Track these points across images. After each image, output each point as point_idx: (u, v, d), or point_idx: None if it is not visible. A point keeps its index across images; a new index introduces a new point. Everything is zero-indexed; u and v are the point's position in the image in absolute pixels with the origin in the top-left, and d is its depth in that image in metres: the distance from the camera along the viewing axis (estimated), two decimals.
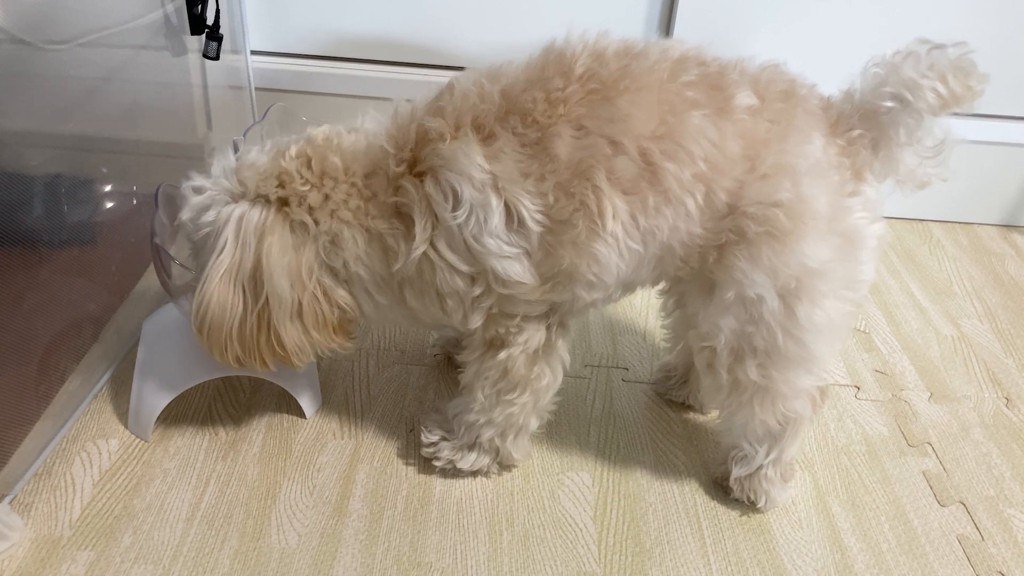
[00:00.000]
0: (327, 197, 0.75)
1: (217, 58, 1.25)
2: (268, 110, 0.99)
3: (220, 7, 1.23)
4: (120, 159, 1.13)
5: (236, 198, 0.77)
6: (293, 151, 0.77)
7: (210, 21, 1.22)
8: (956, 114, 0.76)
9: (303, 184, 0.75)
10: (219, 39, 1.24)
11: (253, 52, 1.43)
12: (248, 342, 0.78)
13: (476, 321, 0.80)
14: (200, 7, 1.20)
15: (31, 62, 0.90)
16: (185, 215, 0.80)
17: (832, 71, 0.79)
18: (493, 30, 1.41)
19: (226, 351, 0.79)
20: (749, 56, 0.78)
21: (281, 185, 0.76)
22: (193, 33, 1.22)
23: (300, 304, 0.77)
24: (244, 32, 1.39)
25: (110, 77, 1.07)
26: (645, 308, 1.25)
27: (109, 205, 1.09)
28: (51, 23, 0.92)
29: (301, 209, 0.76)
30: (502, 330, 0.81)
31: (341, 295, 0.80)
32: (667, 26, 1.40)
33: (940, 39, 0.73)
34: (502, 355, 0.82)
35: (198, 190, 0.79)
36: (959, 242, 1.51)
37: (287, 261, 0.76)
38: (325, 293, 0.79)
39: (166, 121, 1.25)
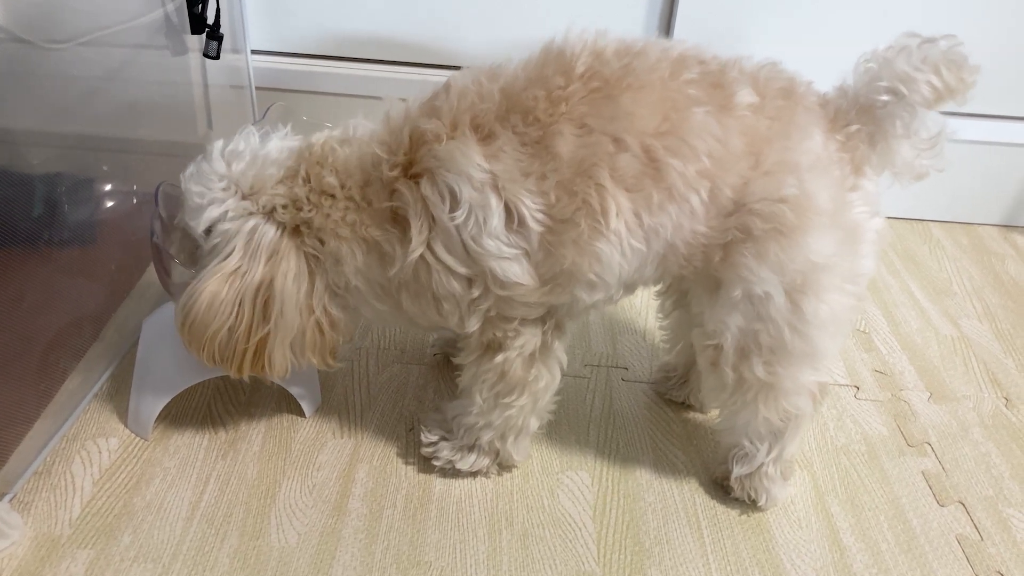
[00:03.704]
0: (328, 217, 0.76)
1: (217, 57, 1.25)
2: (268, 109, 0.99)
3: (220, 6, 1.23)
4: (121, 158, 1.13)
5: (249, 212, 0.77)
6: (303, 172, 0.77)
7: (210, 20, 1.23)
8: (954, 112, 0.76)
9: (309, 209, 0.76)
10: (219, 38, 1.24)
11: (253, 51, 1.43)
12: (231, 350, 0.78)
13: (473, 324, 0.80)
14: (200, 6, 1.20)
15: (32, 61, 0.90)
16: (195, 223, 0.78)
17: (831, 70, 0.79)
18: (493, 30, 1.41)
19: (203, 349, 0.78)
20: (747, 55, 0.78)
21: (297, 209, 0.76)
22: (193, 32, 1.22)
23: (302, 331, 0.79)
24: (244, 31, 1.39)
25: (111, 76, 1.08)
26: (645, 308, 1.25)
27: (110, 204, 1.09)
28: (52, 22, 0.93)
29: (311, 237, 0.76)
30: (499, 334, 0.81)
31: (343, 320, 0.81)
32: (667, 26, 1.40)
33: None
34: (499, 358, 0.82)
35: (201, 196, 0.77)
36: (959, 242, 1.51)
37: (303, 292, 0.77)
38: (331, 321, 0.80)
39: (167, 120, 1.26)
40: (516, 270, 0.75)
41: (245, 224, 0.76)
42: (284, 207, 0.76)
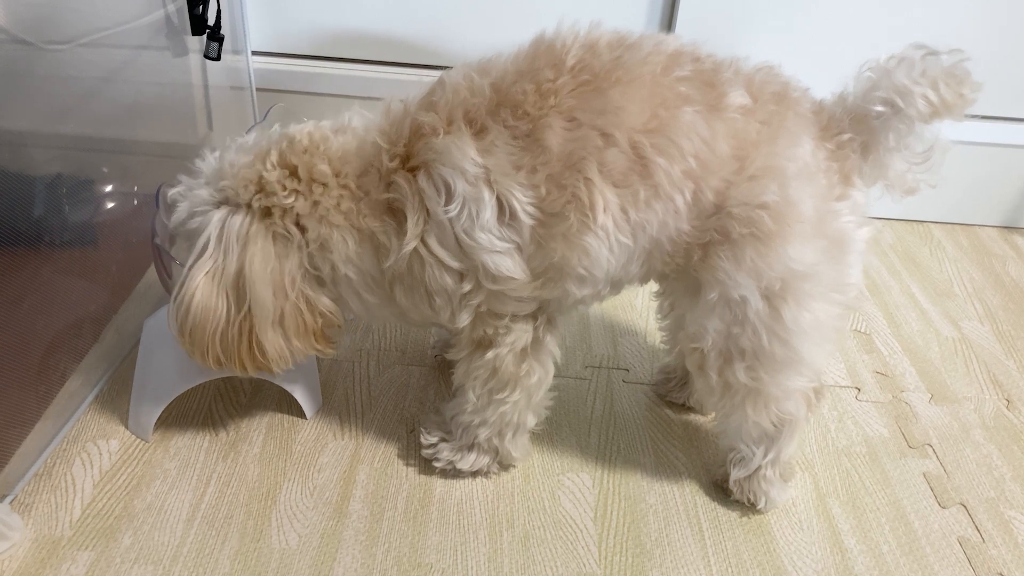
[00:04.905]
0: (316, 204, 0.75)
1: (218, 58, 1.25)
2: (269, 110, 0.99)
3: (221, 8, 1.23)
4: (121, 159, 1.13)
5: (216, 205, 0.77)
6: (274, 157, 0.76)
7: (211, 22, 1.23)
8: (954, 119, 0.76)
9: (287, 195, 0.75)
10: (220, 39, 1.24)
11: (254, 52, 1.43)
12: (229, 347, 0.78)
13: (464, 319, 0.80)
14: (201, 7, 1.20)
15: (32, 62, 0.90)
16: (172, 223, 0.80)
17: (832, 74, 0.79)
18: (493, 30, 1.41)
19: (207, 353, 0.78)
20: (746, 57, 0.78)
21: (263, 194, 0.75)
22: (194, 33, 1.22)
23: (282, 313, 0.77)
24: (245, 32, 1.39)
25: (111, 77, 1.07)
26: (646, 309, 1.25)
27: (110, 205, 1.09)
28: (52, 23, 0.93)
29: (286, 220, 0.75)
30: (490, 330, 0.81)
31: (324, 302, 0.80)
32: (667, 28, 1.40)
33: (939, 42, 0.73)
34: (490, 354, 0.82)
35: (180, 197, 0.79)
36: (960, 243, 1.51)
37: (269, 271, 0.76)
38: (308, 303, 0.79)
39: (167, 121, 1.25)
40: (508, 264, 0.75)
41: (213, 216, 0.76)
42: (245, 188, 0.75)
